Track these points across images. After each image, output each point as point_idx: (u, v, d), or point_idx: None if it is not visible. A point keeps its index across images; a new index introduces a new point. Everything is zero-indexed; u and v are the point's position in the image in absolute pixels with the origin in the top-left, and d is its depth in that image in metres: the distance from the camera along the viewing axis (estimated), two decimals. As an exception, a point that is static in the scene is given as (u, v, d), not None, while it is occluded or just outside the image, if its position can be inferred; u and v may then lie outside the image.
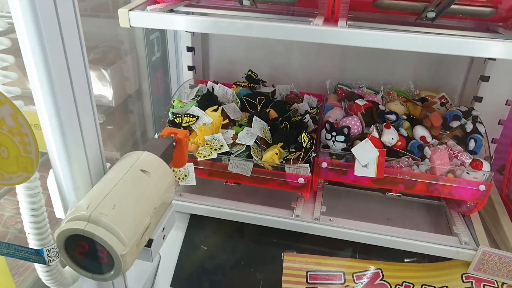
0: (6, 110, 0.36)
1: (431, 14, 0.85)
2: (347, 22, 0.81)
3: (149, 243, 0.55)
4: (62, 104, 0.48)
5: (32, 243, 0.51)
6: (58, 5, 0.46)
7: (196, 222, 1.14)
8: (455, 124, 1.03)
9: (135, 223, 0.51)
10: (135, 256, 0.51)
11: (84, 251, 0.48)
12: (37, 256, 0.46)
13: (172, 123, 1.05)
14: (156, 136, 1.06)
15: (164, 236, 0.60)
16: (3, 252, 0.50)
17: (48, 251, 0.46)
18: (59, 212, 0.60)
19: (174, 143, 0.67)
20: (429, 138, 0.99)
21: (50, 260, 0.46)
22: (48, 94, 0.47)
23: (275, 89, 1.26)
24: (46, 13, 0.44)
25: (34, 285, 0.95)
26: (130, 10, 0.87)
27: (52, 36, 0.46)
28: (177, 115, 1.05)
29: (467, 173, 0.94)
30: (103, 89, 1.19)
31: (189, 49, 1.32)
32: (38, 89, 0.46)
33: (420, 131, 0.99)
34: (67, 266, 0.51)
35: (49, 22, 0.45)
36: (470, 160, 0.96)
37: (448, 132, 1.03)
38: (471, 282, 0.97)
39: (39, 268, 0.52)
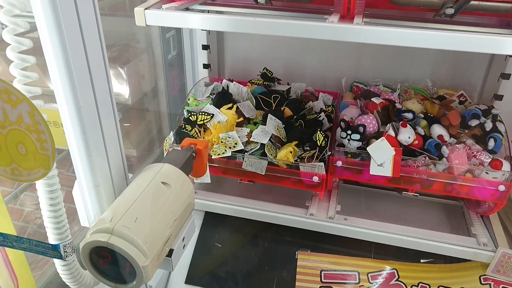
0: (23, 108, 0.37)
1: (450, 11, 0.83)
2: (363, 19, 0.80)
3: (170, 253, 0.56)
4: (83, 103, 0.49)
5: (51, 238, 0.52)
6: (78, 5, 0.46)
7: (210, 220, 1.14)
8: (474, 122, 1.01)
9: (157, 235, 0.52)
10: (156, 266, 0.53)
11: (108, 261, 0.50)
12: (54, 251, 0.47)
13: (187, 121, 1.06)
14: (171, 134, 1.07)
15: (184, 245, 0.61)
16: (23, 247, 0.51)
17: (65, 246, 0.47)
18: (83, 221, 0.62)
19: (194, 154, 0.68)
20: (447, 137, 0.97)
21: (67, 255, 0.47)
22: (69, 93, 0.48)
23: (290, 87, 1.25)
24: (67, 13, 0.45)
25: (53, 279, 0.97)
26: (146, 8, 0.87)
27: (73, 36, 0.46)
28: (192, 113, 1.06)
29: (486, 173, 0.92)
30: (119, 87, 1.20)
31: (205, 47, 1.33)
32: (59, 88, 0.47)
33: (437, 130, 0.98)
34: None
35: (70, 21, 0.46)
36: (489, 160, 0.94)
37: (466, 131, 1.01)
38: (489, 284, 0.95)
39: (58, 264, 0.53)
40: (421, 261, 1.02)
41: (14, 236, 0.49)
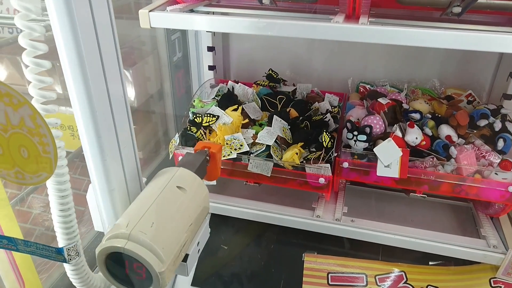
0: (25, 111, 0.37)
1: (457, 9, 0.82)
2: (369, 19, 0.79)
3: (185, 258, 0.56)
4: (98, 107, 0.49)
5: (61, 242, 0.52)
6: (94, 8, 0.46)
7: (216, 222, 1.14)
8: (482, 123, 0.99)
9: (173, 240, 0.52)
10: (172, 272, 0.52)
11: (124, 267, 0.50)
12: (58, 254, 0.46)
13: (192, 123, 1.06)
14: (176, 136, 1.07)
15: (199, 250, 0.61)
16: (27, 250, 0.51)
17: (68, 249, 0.47)
18: (97, 226, 0.61)
19: (208, 158, 0.68)
20: (455, 138, 0.96)
21: (70, 259, 0.47)
22: (84, 98, 0.47)
23: (296, 88, 1.25)
24: (82, 16, 0.45)
25: (59, 281, 0.98)
26: (150, 11, 0.87)
27: (89, 40, 0.46)
28: (197, 115, 1.05)
29: (496, 173, 0.91)
30: (125, 89, 1.20)
31: (210, 48, 1.33)
32: (74, 93, 0.47)
33: (445, 130, 0.97)
34: (100, 272, 0.52)
35: (86, 25, 0.45)
36: (498, 160, 0.92)
37: (475, 131, 1.00)
38: (500, 287, 0.94)
39: (67, 267, 0.53)
40: (430, 263, 1.01)
41: (19, 239, 0.49)
